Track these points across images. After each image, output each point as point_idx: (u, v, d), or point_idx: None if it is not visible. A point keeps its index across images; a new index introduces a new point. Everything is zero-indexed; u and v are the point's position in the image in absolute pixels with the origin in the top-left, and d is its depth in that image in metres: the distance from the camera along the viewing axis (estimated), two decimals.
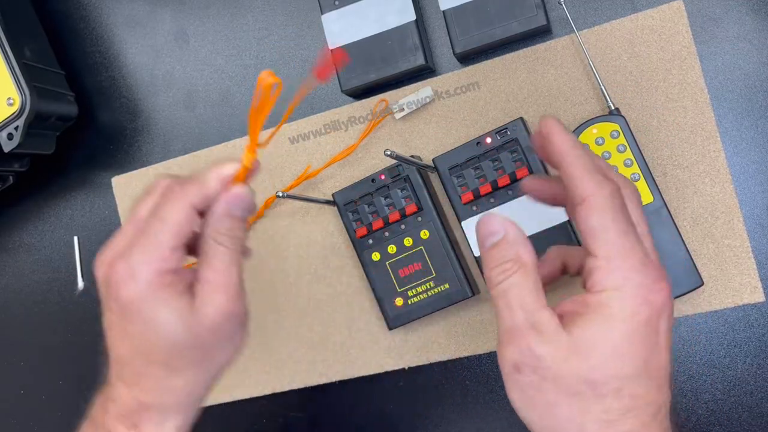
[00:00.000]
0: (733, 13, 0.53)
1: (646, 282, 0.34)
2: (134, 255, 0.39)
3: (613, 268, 0.34)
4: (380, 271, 0.57)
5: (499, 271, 0.36)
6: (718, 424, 0.53)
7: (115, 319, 0.41)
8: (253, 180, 0.43)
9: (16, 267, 0.73)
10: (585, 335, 0.34)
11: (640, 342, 0.34)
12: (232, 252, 0.41)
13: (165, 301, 0.39)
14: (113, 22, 0.70)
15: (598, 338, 0.34)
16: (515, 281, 0.35)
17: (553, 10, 0.57)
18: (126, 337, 0.40)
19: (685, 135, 0.53)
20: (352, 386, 0.61)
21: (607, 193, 0.35)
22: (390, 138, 0.60)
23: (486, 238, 0.37)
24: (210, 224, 0.41)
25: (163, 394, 0.41)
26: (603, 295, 0.34)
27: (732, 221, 0.52)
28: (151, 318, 0.39)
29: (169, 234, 0.39)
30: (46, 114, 0.63)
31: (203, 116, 0.67)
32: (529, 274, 0.36)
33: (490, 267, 0.37)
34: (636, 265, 0.34)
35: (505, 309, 0.35)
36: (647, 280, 0.34)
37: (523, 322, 0.35)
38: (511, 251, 0.36)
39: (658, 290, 0.34)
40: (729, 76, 0.53)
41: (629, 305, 0.34)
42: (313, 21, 0.63)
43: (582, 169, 0.35)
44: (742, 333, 0.53)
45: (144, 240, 0.39)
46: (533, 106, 0.56)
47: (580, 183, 0.35)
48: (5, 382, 0.73)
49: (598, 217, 0.34)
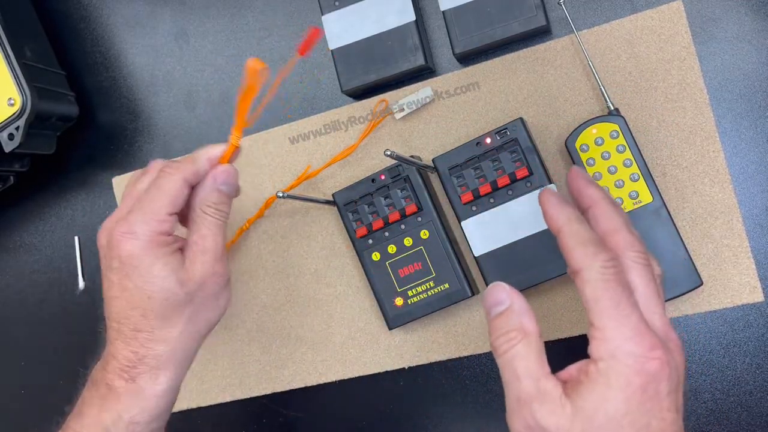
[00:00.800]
0: (732, 13, 0.53)
1: (639, 351, 0.35)
2: (134, 216, 0.46)
3: (608, 338, 0.35)
4: (380, 271, 0.57)
5: (504, 340, 0.38)
6: (718, 424, 0.53)
7: (116, 278, 0.46)
8: (252, 180, 0.43)
9: (16, 267, 0.73)
10: (586, 405, 0.35)
11: (637, 409, 0.35)
12: (218, 221, 0.48)
13: (160, 257, 0.45)
14: (114, 23, 0.70)
15: (599, 407, 0.35)
16: (520, 350, 0.37)
17: (552, 10, 0.57)
18: (125, 292, 0.46)
19: (685, 135, 0.53)
20: (352, 386, 0.61)
21: (598, 265, 0.36)
22: (390, 138, 0.60)
23: (492, 307, 0.39)
24: (199, 196, 0.48)
25: (158, 344, 0.46)
26: (600, 364, 0.35)
27: (731, 221, 0.52)
28: (148, 271, 0.45)
29: (165, 200, 0.46)
30: (47, 114, 0.63)
31: (203, 116, 0.67)
32: (532, 343, 0.37)
33: (496, 336, 0.38)
34: (628, 334, 0.35)
35: (512, 378, 0.37)
36: (640, 348, 0.35)
37: (530, 391, 0.36)
38: (516, 321, 0.38)
39: (653, 358, 0.35)
40: (728, 76, 0.53)
41: (624, 374, 0.35)
42: (313, 21, 0.63)
43: (575, 242, 0.38)
44: (741, 333, 0.53)
45: (143, 205, 0.46)
46: (533, 106, 0.56)
47: (573, 256, 0.37)
48: (5, 382, 0.73)
49: (591, 289, 0.36)
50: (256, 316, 0.64)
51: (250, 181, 0.64)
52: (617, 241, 0.39)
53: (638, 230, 0.51)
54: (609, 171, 0.52)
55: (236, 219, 0.64)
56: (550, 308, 0.56)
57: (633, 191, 0.51)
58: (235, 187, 0.50)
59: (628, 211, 0.52)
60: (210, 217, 0.48)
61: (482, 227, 0.54)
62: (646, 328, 0.36)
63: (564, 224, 0.38)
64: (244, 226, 0.63)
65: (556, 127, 0.56)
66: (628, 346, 0.35)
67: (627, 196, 0.52)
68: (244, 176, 0.64)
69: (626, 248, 0.39)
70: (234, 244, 0.64)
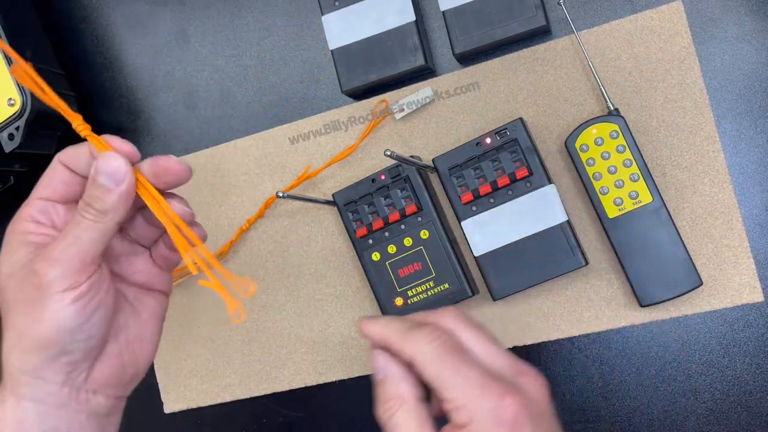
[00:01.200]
0: (732, 13, 0.53)
1: (492, 404, 0.36)
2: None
3: (461, 406, 0.36)
4: (380, 271, 0.57)
5: (384, 409, 0.39)
6: (717, 424, 0.53)
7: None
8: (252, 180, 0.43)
9: None
10: None
11: None
12: (86, 221, 0.38)
13: (17, 246, 0.39)
14: (114, 23, 0.70)
15: None
16: (399, 419, 0.38)
17: (552, 10, 0.57)
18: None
19: (685, 135, 0.53)
20: (352, 386, 0.61)
21: (424, 343, 0.38)
22: (390, 138, 0.60)
23: (374, 375, 0.40)
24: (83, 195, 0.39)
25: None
26: (464, 431, 0.36)
27: (731, 221, 0.52)
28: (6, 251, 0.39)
29: (39, 182, 0.41)
30: (47, 114, 0.63)
31: (203, 116, 0.67)
32: (410, 410, 0.38)
33: (378, 404, 0.39)
34: (477, 393, 0.36)
35: None
36: (490, 402, 0.36)
37: None
38: (393, 389, 0.39)
39: (506, 406, 0.36)
40: (728, 76, 0.53)
41: (488, 431, 0.36)
42: (313, 22, 0.63)
43: (396, 335, 0.39)
44: (741, 333, 0.53)
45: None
46: (533, 106, 0.56)
47: (399, 347, 0.39)
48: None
49: (429, 369, 0.37)
50: (256, 316, 0.64)
51: (250, 181, 0.64)
52: (430, 316, 0.41)
53: (638, 230, 0.51)
54: (609, 171, 0.52)
55: (236, 219, 0.64)
56: (550, 308, 0.56)
57: (633, 191, 0.52)
58: (122, 181, 0.38)
59: (628, 211, 0.52)
60: (80, 216, 0.38)
61: (482, 227, 0.54)
62: (490, 380, 0.37)
63: (383, 328, 0.40)
64: (244, 226, 0.63)
65: (556, 127, 0.56)
66: (481, 403, 0.36)
67: (627, 196, 0.52)
68: (244, 176, 0.64)
69: (440, 314, 0.41)
70: (234, 244, 0.64)
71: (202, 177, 0.65)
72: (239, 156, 0.64)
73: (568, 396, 0.56)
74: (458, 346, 0.38)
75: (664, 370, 0.54)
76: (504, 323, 0.57)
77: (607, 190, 0.52)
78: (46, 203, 0.40)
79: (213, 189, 0.65)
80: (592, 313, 0.55)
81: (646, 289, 0.52)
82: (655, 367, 0.55)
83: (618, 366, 0.55)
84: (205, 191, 0.65)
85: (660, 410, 0.55)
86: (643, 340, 0.55)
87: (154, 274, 0.44)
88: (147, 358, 0.43)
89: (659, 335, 0.55)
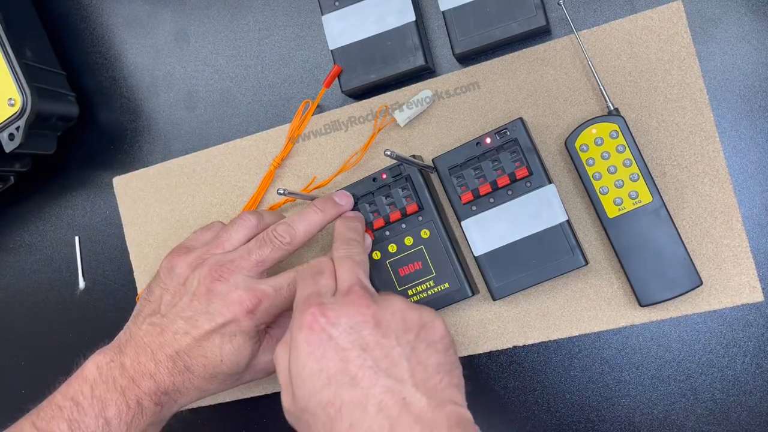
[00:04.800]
0: (732, 13, 0.53)
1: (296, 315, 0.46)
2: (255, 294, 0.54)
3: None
4: (380, 270, 0.57)
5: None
6: (717, 424, 0.53)
7: (207, 325, 0.52)
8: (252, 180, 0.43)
9: (17, 267, 0.73)
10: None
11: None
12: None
13: (253, 338, 0.53)
14: (114, 23, 0.70)
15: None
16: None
17: (552, 10, 0.57)
18: (206, 342, 0.53)
19: (684, 135, 0.53)
20: None
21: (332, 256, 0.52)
22: (390, 138, 0.60)
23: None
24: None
25: (194, 391, 0.53)
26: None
27: (731, 221, 0.52)
28: (239, 344, 0.53)
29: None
30: (47, 114, 0.63)
31: (204, 116, 0.67)
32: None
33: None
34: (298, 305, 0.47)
35: None
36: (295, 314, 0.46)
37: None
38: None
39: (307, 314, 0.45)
40: (728, 76, 0.53)
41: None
42: (313, 22, 0.63)
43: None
44: (741, 333, 0.53)
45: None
46: (533, 106, 0.56)
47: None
48: (5, 382, 0.73)
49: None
50: None
51: (250, 181, 0.64)
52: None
53: (638, 230, 0.51)
54: (609, 171, 0.52)
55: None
56: (550, 308, 0.56)
57: (633, 191, 0.52)
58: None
59: (628, 210, 0.52)
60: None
61: (482, 227, 0.54)
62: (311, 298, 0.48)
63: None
64: None
65: (556, 127, 0.56)
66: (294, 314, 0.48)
67: (627, 196, 0.52)
68: (244, 176, 0.64)
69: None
70: None
71: (202, 177, 0.65)
72: (239, 156, 0.64)
73: (568, 396, 0.56)
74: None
75: (664, 370, 0.54)
76: (504, 323, 0.57)
77: (607, 190, 0.52)
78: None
79: (213, 189, 0.65)
80: (592, 313, 0.55)
81: (646, 288, 0.52)
82: (655, 367, 0.55)
83: (618, 366, 0.55)
84: (205, 191, 0.65)
85: (660, 410, 0.55)
86: (643, 340, 0.55)
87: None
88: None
89: (659, 335, 0.55)
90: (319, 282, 0.48)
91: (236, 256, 0.53)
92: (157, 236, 0.66)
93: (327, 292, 0.47)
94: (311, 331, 0.43)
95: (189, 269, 0.54)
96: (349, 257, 0.50)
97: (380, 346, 0.43)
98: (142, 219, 0.67)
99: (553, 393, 0.57)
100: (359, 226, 0.55)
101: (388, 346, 0.43)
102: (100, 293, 0.69)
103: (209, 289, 0.52)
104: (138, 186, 0.67)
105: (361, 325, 0.43)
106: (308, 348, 0.43)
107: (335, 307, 0.44)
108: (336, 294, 0.47)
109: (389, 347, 0.43)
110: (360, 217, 0.56)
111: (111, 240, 0.69)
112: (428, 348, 0.44)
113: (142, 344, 0.52)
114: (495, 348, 0.57)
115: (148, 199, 0.67)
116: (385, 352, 0.43)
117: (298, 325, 0.44)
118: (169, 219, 0.66)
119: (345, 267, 0.49)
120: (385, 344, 0.43)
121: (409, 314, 0.45)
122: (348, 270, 0.49)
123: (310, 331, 0.43)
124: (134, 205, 0.67)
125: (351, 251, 0.51)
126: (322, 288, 0.47)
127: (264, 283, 0.53)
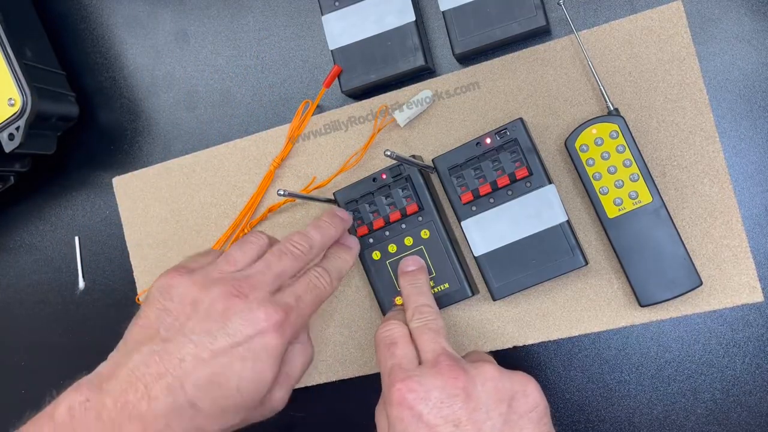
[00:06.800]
0: (731, 13, 0.53)
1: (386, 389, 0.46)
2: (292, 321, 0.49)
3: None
4: (380, 270, 0.57)
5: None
6: (717, 424, 0.53)
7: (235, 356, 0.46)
8: (252, 180, 0.43)
9: (17, 267, 0.73)
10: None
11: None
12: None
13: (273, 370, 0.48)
14: (114, 23, 0.70)
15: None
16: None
17: (552, 10, 0.57)
18: (224, 369, 0.47)
19: (684, 135, 0.53)
20: (352, 386, 0.61)
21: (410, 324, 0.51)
22: (390, 138, 0.60)
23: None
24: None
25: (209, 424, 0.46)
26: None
27: (731, 221, 0.52)
28: (259, 373, 0.46)
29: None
30: (47, 114, 0.63)
31: (203, 116, 0.67)
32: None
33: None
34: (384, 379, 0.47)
35: None
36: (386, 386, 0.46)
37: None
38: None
39: (394, 390, 0.44)
40: (728, 76, 0.53)
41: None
42: (313, 22, 0.63)
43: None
44: (740, 333, 0.53)
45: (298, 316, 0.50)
46: (533, 106, 0.57)
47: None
48: (5, 382, 0.73)
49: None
50: None
51: (250, 181, 0.64)
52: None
53: (638, 230, 0.51)
54: (609, 171, 0.52)
55: (236, 219, 0.64)
56: (549, 308, 0.56)
57: (633, 191, 0.52)
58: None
59: (627, 211, 0.52)
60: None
61: (482, 227, 0.54)
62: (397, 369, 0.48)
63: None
64: (244, 227, 0.63)
65: (556, 127, 0.56)
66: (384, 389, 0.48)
67: (627, 196, 0.52)
68: (244, 176, 0.64)
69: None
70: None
71: (202, 177, 0.65)
72: (239, 156, 0.64)
73: (568, 396, 0.56)
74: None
75: (664, 370, 0.55)
76: (504, 323, 0.57)
77: (607, 190, 0.52)
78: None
79: (213, 189, 0.65)
80: (592, 313, 0.55)
81: (646, 289, 0.52)
82: (655, 367, 0.55)
83: (618, 366, 0.55)
84: (205, 191, 0.65)
85: (660, 410, 0.55)
86: (643, 340, 0.55)
87: None
88: None
89: (659, 335, 0.55)
90: (396, 354, 0.47)
91: (255, 272, 0.48)
92: (157, 236, 0.66)
93: (408, 362, 0.46)
94: (401, 408, 0.43)
95: (196, 288, 0.46)
96: (426, 327, 0.49)
97: (472, 420, 0.42)
98: (141, 219, 0.67)
99: (553, 393, 0.57)
100: (424, 283, 0.54)
101: (479, 420, 0.42)
102: (100, 293, 0.69)
103: (227, 308, 0.45)
104: (138, 186, 0.67)
105: (452, 399, 0.42)
106: (401, 426, 0.43)
107: (423, 380, 0.43)
108: (422, 365, 0.46)
109: (481, 421, 0.42)
110: (355, 241, 0.57)
111: (111, 240, 0.69)
112: (521, 419, 0.43)
113: (132, 378, 0.43)
114: (495, 348, 0.57)
115: (147, 199, 0.67)
116: (477, 426, 0.42)
117: (389, 401, 0.44)
118: (169, 219, 0.66)
119: (426, 338, 0.48)
120: (477, 418, 0.42)
121: (500, 383, 0.44)
122: (430, 340, 0.47)
123: (400, 407, 0.43)
124: (134, 206, 0.67)
125: (426, 319, 0.50)
126: (402, 360, 0.46)
127: (283, 296, 0.48)
